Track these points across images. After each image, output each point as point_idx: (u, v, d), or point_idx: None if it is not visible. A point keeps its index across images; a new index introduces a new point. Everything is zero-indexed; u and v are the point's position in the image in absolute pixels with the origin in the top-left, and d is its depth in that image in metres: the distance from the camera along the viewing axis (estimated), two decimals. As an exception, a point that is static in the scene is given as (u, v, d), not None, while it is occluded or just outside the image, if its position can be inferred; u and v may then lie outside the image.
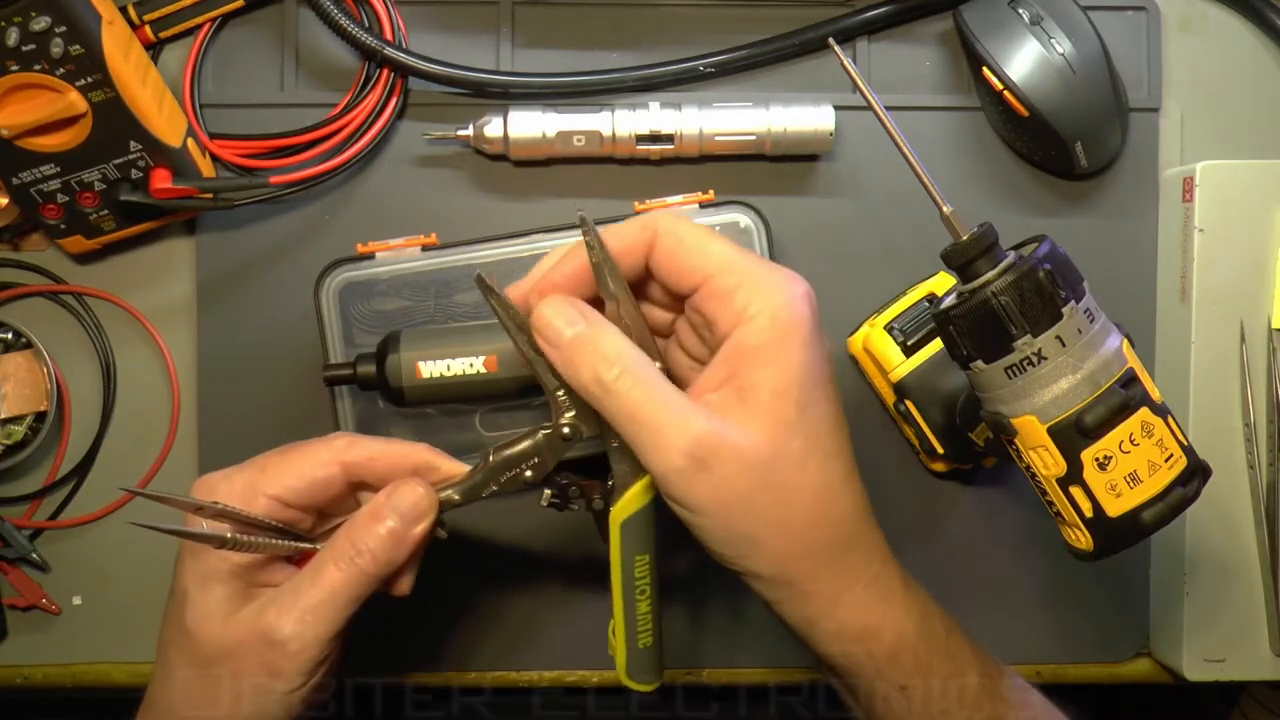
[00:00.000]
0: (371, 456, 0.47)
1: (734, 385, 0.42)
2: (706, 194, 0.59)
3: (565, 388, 0.45)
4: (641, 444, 0.42)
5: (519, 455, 0.46)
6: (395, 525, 0.45)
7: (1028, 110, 0.59)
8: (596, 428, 0.45)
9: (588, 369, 0.42)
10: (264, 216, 0.61)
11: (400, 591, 0.48)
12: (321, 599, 0.44)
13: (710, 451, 0.41)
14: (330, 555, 0.45)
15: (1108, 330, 0.44)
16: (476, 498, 0.47)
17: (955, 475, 0.62)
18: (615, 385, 0.42)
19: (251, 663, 0.44)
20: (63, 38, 0.52)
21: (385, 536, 0.45)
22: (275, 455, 0.47)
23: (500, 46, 0.62)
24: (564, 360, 0.43)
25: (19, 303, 0.62)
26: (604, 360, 0.42)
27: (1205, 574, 0.60)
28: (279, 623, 0.44)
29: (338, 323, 0.57)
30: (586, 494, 0.47)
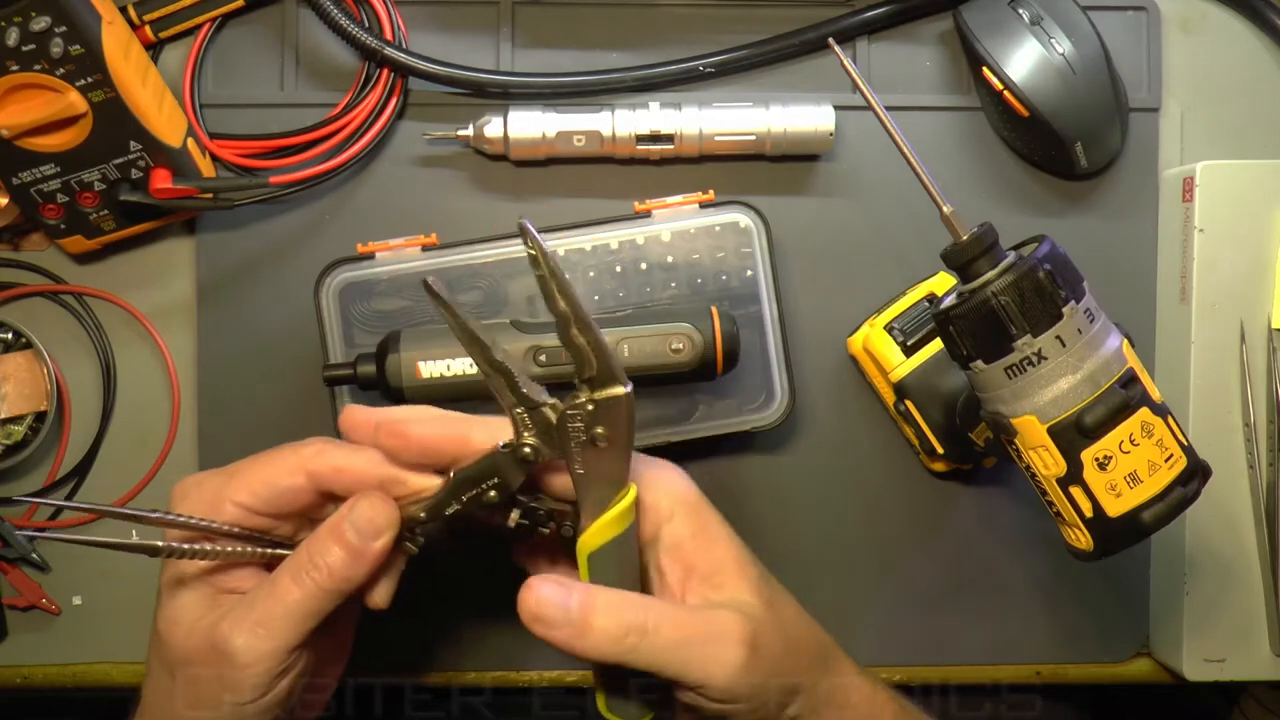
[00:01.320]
0: (338, 468, 0.45)
1: (698, 574, 0.45)
2: (706, 194, 0.59)
3: (524, 404, 0.43)
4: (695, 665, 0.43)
5: (479, 474, 0.43)
6: (353, 540, 0.44)
7: (1028, 110, 0.59)
8: (559, 450, 0.43)
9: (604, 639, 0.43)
10: (264, 216, 0.61)
11: (375, 604, 0.46)
12: (274, 613, 0.43)
13: (753, 634, 0.44)
14: (288, 568, 0.44)
15: (1108, 330, 0.44)
16: (440, 515, 0.44)
17: (955, 475, 0.62)
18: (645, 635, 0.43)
19: (206, 672, 0.44)
20: (63, 38, 0.52)
21: (344, 553, 0.44)
22: (247, 462, 0.46)
23: (500, 46, 0.62)
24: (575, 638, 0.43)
25: (19, 303, 0.62)
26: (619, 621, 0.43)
27: (1205, 574, 0.60)
28: (230, 634, 0.43)
29: (338, 323, 0.57)
30: (557, 519, 0.45)
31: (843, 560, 0.62)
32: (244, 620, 0.43)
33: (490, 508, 0.44)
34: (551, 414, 0.43)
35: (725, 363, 0.56)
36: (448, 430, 0.44)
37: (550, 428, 0.43)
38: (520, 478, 0.44)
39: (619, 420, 0.42)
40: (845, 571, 0.62)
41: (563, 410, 0.43)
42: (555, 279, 0.41)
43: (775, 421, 0.58)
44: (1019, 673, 0.63)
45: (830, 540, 0.62)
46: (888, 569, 0.63)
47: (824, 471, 0.62)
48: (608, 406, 0.42)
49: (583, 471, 0.43)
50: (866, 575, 0.63)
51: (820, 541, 0.62)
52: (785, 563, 0.50)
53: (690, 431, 0.59)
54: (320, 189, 0.61)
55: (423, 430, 0.44)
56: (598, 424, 0.42)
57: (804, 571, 0.56)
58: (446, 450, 0.44)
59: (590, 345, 0.41)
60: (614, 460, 0.43)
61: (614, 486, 0.44)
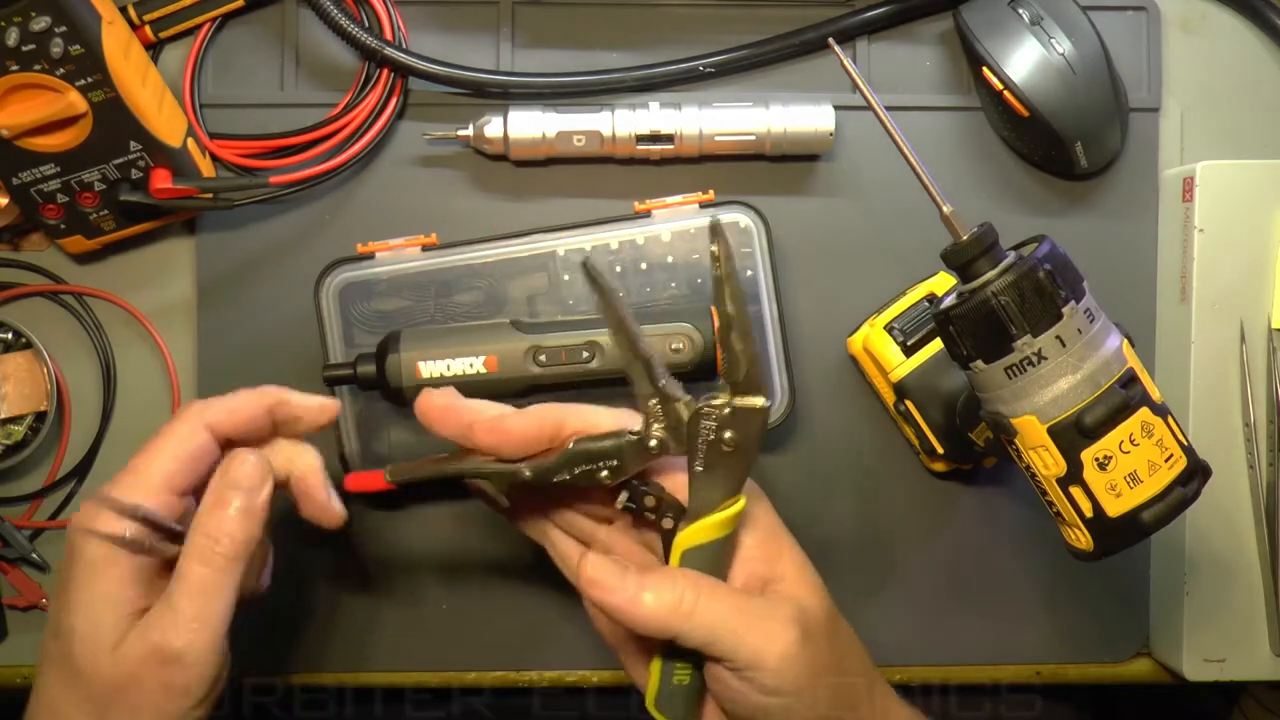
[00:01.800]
0: (231, 409, 0.47)
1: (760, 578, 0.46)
2: (706, 194, 0.59)
3: (659, 397, 0.44)
4: (749, 640, 0.43)
5: (599, 452, 0.45)
6: (241, 502, 0.45)
7: (1028, 110, 0.59)
8: (683, 446, 0.44)
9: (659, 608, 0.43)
10: (264, 216, 0.61)
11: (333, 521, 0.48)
12: (202, 602, 0.43)
13: (806, 623, 0.44)
14: (192, 554, 0.44)
15: (1108, 330, 0.44)
16: (547, 480, 0.45)
17: (955, 475, 0.62)
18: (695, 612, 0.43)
19: (151, 688, 0.43)
20: (63, 38, 0.52)
21: (236, 515, 0.45)
22: (139, 455, 0.46)
23: (500, 46, 0.62)
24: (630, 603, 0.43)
25: (19, 303, 0.62)
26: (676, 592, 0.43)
27: (1205, 574, 0.60)
28: (168, 638, 0.43)
29: (338, 323, 0.57)
30: (661, 510, 0.46)
31: (842, 560, 0.62)
32: (176, 620, 0.43)
33: (599, 485, 0.45)
34: (684, 410, 0.44)
35: (725, 363, 0.56)
36: (545, 420, 0.46)
37: (680, 423, 0.44)
38: (639, 465, 0.45)
39: (751, 430, 0.44)
40: (845, 571, 0.62)
41: (698, 408, 0.44)
42: (730, 283, 0.43)
43: (775, 421, 0.58)
44: (1019, 673, 0.63)
45: (830, 540, 0.62)
46: (887, 569, 0.63)
47: (824, 471, 0.62)
48: (745, 414, 0.44)
49: (701, 470, 0.44)
50: (866, 575, 0.63)
51: (820, 541, 0.62)
52: (785, 563, 0.50)
53: (690, 431, 0.59)
54: (320, 189, 0.61)
55: (523, 424, 0.46)
56: (730, 428, 0.44)
57: (804, 571, 0.56)
58: (543, 440, 0.46)
59: (744, 353, 0.44)
60: (735, 466, 0.45)
61: (726, 491, 0.45)
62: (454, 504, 0.61)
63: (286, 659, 0.62)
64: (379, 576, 0.62)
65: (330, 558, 0.61)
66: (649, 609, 0.43)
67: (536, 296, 0.58)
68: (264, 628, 0.61)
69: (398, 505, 0.61)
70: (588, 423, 0.46)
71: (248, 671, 0.61)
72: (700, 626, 0.43)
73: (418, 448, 0.58)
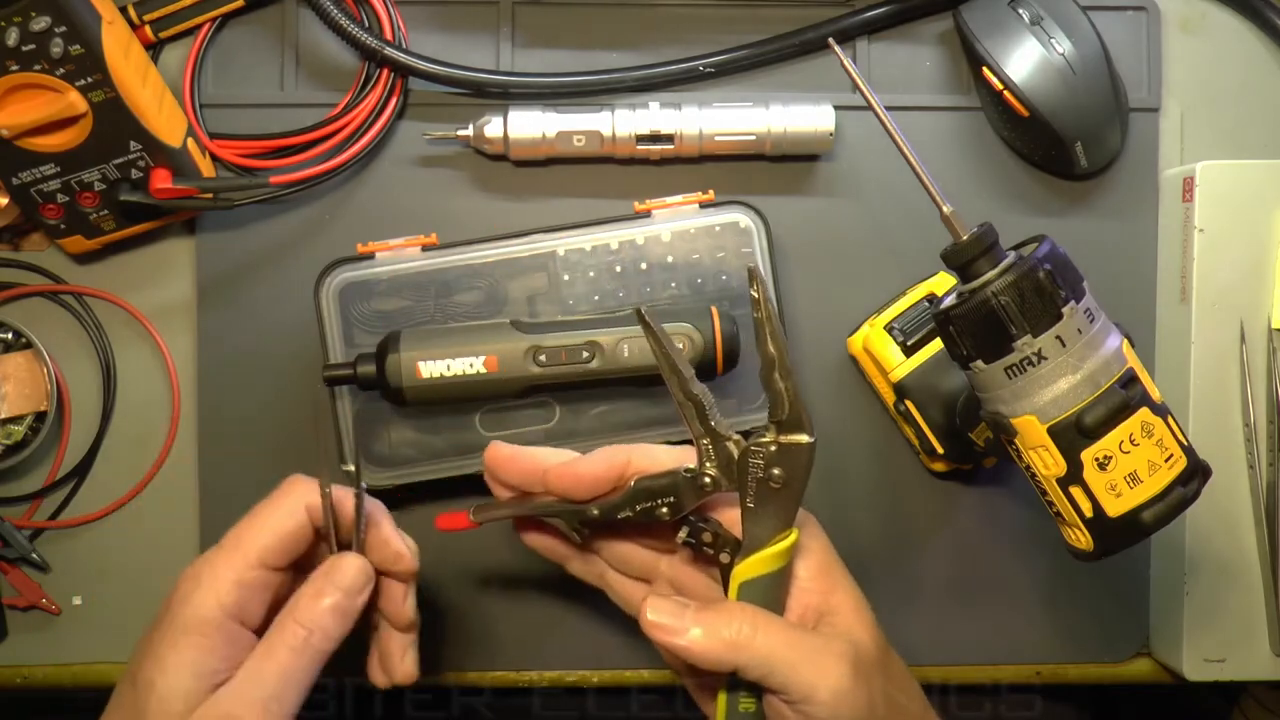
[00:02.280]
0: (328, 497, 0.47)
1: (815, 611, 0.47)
2: (706, 194, 0.59)
3: (710, 436, 0.46)
4: (803, 675, 0.44)
5: (658, 490, 0.47)
6: (339, 599, 0.46)
7: (1028, 110, 0.59)
8: (735, 483, 0.46)
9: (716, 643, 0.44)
10: (264, 216, 0.61)
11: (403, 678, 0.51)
12: (282, 685, 0.44)
13: (858, 660, 0.45)
14: (280, 639, 0.45)
15: (1108, 330, 0.44)
16: (612, 517, 0.47)
17: (955, 475, 0.62)
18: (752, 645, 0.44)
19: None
20: (63, 38, 0.52)
21: (330, 611, 0.46)
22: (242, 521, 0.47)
23: (500, 46, 0.62)
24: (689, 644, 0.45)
25: (19, 303, 0.62)
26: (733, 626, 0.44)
27: (1205, 574, 0.60)
28: (241, 714, 0.43)
29: (338, 323, 0.57)
30: (718, 545, 0.47)
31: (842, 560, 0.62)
32: (254, 698, 0.44)
33: (659, 521, 0.47)
34: (734, 449, 0.46)
35: (725, 363, 0.56)
36: (612, 462, 0.48)
37: (730, 461, 0.46)
38: (695, 502, 0.46)
39: (798, 466, 0.45)
40: (845, 571, 0.62)
41: (746, 446, 0.46)
42: (770, 324, 0.45)
43: (775, 421, 0.58)
44: (1019, 673, 0.63)
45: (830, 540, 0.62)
46: (887, 569, 0.63)
47: (824, 471, 0.62)
48: (791, 452, 0.45)
49: (753, 506, 0.46)
50: (866, 575, 0.62)
51: (820, 541, 0.62)
52: (785, 563, 0.50)
53: (690, 431, 0.59)
54: (320, 189, 0.61)
55: (592, 468, 0.47)
56: (777, 465, 0.45)
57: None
58: (611, 481, 0.48)
59: (787, 392, 0.45)
60: (785, 501, 0.46)
61: (778, 526, 0.46)
62: (454, 504, 0.61)
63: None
64: (379, 576, 0.61)
65: (330, 558, 0.61)
66: (706, 645, 0.45)
67: (536, 296, 0.58)
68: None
69: (398, 506, 0.61)
70: (651, 460, 0.48)
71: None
72: (757, 660, 0.44)
73: (417, 447, 0.58)
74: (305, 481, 0.48)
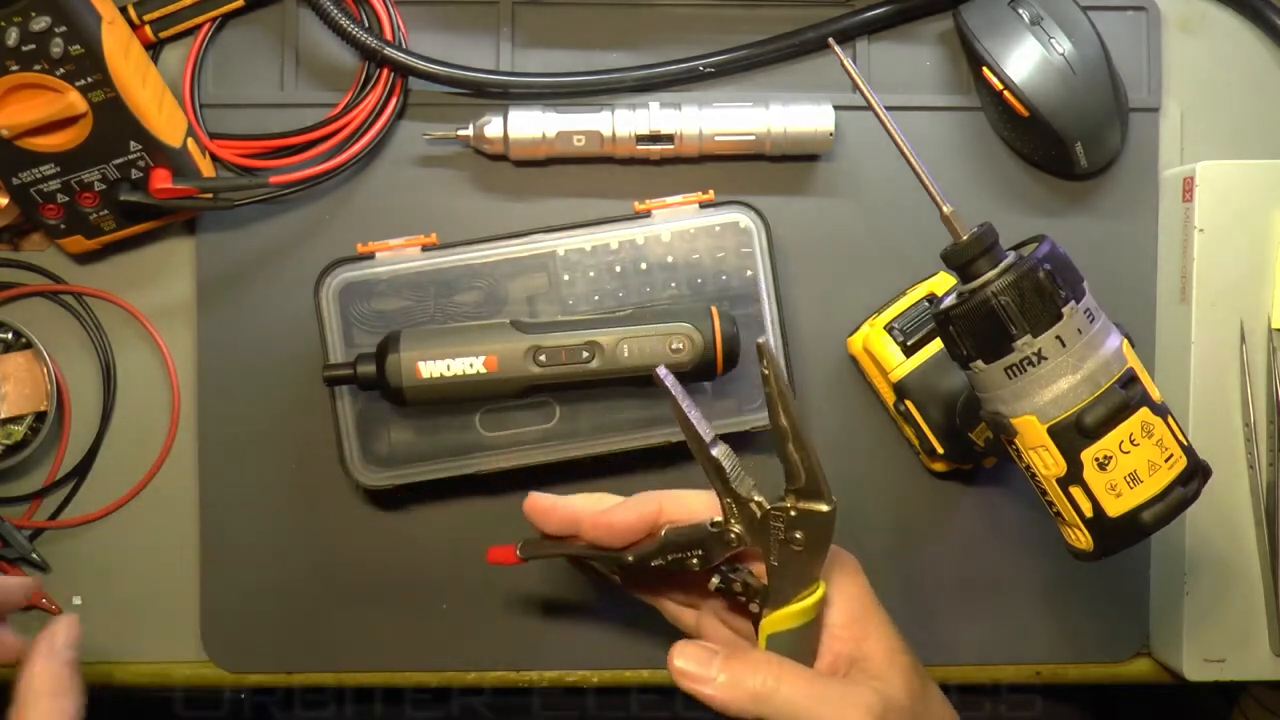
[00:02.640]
0: None
1: (847, 659, 0.47)
2: (706, 194, 0.59)
3: (733, 498, 0.46)
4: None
5: (686, 542, 0.47)
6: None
7: (1028, 110, 0.59)
8: (760, 541, 0.46)
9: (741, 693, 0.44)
10: (264, 216, 0.61)
11: None
12: None
13: (884, 711, 0.44)
14: None
15: (1108, 330, 0.44)
16: (646, 564, 0.48)
17: (955, 475, 0.62)
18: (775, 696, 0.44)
19: None
20: (63, 38, 0.52)
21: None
22: None
23: (500, 46, 0.62)
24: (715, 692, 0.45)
25: (19, 303, 0.62)
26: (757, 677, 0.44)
27: (1205, 574, 0.60)
28: None
29: (338, 323, 0.57)
30: (749, 593, 0.47)
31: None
32: None
33: (690, 570, 0.47)
34: (757, 510, 0.46)
35: (725, 363, 0.56)
36: (642, 512, 0.48)
37: (754, 520, 0.46)
38: (723, 554, 0.47)
39: (819, 533, 0.45)
40: (845, 571, 0.62)
41: (768, 509, 0.45)
42: (783, 398, 0.44)
43: (775, 421, 0.58)
44: (1019, 673, 0.63)
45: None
46: (888, 569, 0.62)
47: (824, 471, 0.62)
48: (810, 518, 0.45)
49: (777, 564, 0.46)
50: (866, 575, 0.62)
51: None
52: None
53: (690, 431, 0.59)
54: (320, 189, 0.61)
55: (625, 517, 0.48)
56: (797, 529, 0.45)
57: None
58: (644, 529, 0.48)
59: (803, 462, 0.45)
60: (807, 562, 0.46)
61: (802, 584, 0.46)
62: (454, 504, 0.61)
63: (286, 659, 0.62)
64: (379, 576, 0.62)
65: (330, 558, 0.61)
66: (731, 695, 0.45)
67: (536, 296, 0.58)
68: (264, 628, 0.61)
69: (398, 506, 0.61)
70: (682, 508, 0.48)
71: (248, 671, 0.62)
72: (780, 712, 0.44)
73: (417, 447, 0.58)
74: None
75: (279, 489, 0.61)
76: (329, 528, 0.61)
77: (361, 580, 0.61)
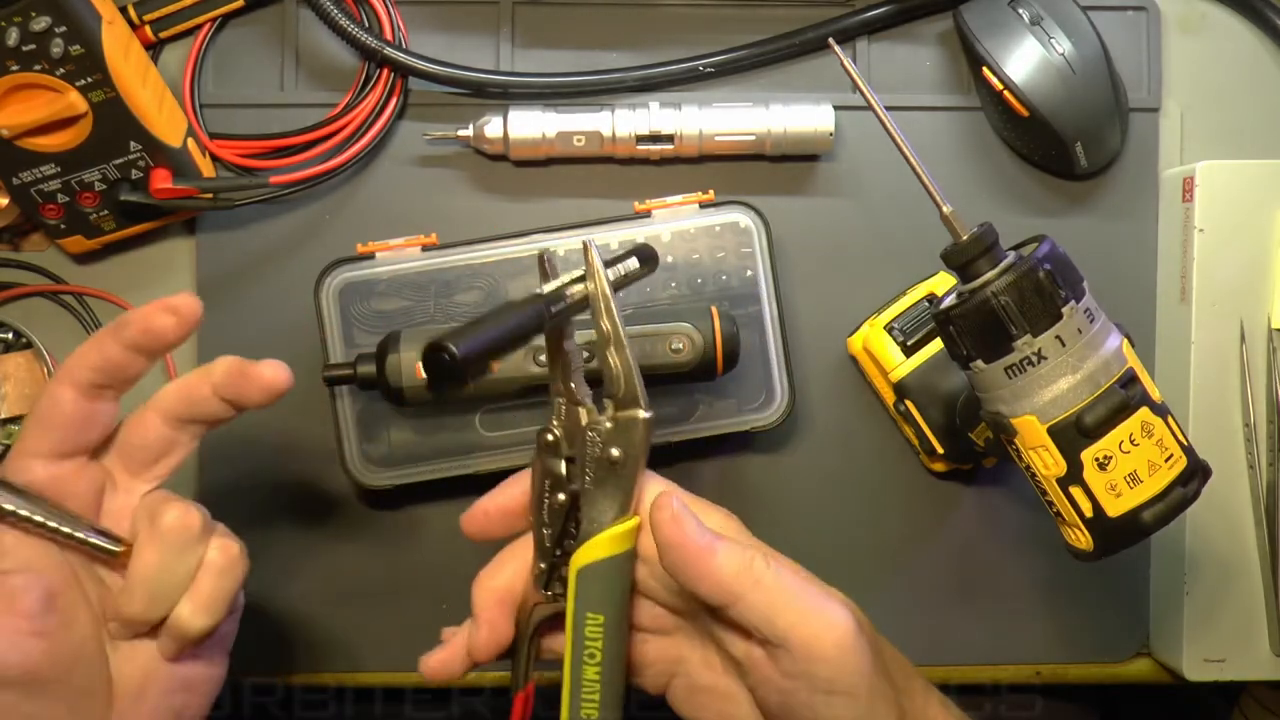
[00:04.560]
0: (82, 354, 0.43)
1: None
2: (706, 194, 0.59)
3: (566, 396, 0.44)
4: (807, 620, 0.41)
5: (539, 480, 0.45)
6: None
7: (1028, 110, 0.59)
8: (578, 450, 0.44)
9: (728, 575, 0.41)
10: (264, 216, 0.61)
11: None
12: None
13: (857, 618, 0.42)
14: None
15: (1108, 330, 0.44)
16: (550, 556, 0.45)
17: (955, 475, 0.62)
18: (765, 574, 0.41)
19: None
20: (63, 38, 0.52)
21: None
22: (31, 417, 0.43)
23: (500, 46, 0.62)
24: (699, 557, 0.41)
25: (19, 303, 0.62)
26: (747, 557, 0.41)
27: (1205, 574, 0.60)
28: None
29: (338, 323, 0.57)
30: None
31: (843, 560, 0.62)
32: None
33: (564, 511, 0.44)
34: (584, 416, 0.44)
35: (725, 363, 0.56)
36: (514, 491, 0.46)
37: (578, 427, 0.44)
38: (559, 465, 0.44)
39: (634, 442, 0.43)
40: (845, 572, 0.61)
41: (587, 423, 0.44)
42: (603, 299, 0.42)
43: (775, 421, 0.58)
44: (1019, 673, 0.63)
45: (830, 540, 0.62)
46: (888, 569, 0.63)
47: (824, 471, 0.62)
48: (626, 427, 0.43)
49: (592, 486, 0.43)
50: (866, 575, 0.63)
51: (820, 542, 0.62)
52: (785, 563, 0.50)
53: (690, 431, 0.59)
54: (320, 189, 0.61)
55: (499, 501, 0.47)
56: (614, 443, 0.43)
57: (804, 571, 0.56)
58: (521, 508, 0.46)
59: (621, 366, 0.43)
60: (623, 482, 0.43)
61: (617, 509, 0.43)
62: (454, 504, 0.61)
63: (286, 659, 0.62)
64: (380, 576, 0.62)
65: (330, 558, 0.61)
66: (715, 570, 0.41)
67: (536, 296, 0.58)
68: (264, 628, 0.61)
69: (398, 506, 0.61)
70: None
71: (248, 672, 0.61)
72: (761, 599, 0.41)
73: (417, 447, 0.58)
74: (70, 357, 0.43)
75: (279, 489, 0.61)
76: (329, 528, 0.61)
77: (361, 580, 0.61)
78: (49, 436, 0.43)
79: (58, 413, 0.43)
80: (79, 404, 0.43)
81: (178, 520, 0.43)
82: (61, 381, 0.43)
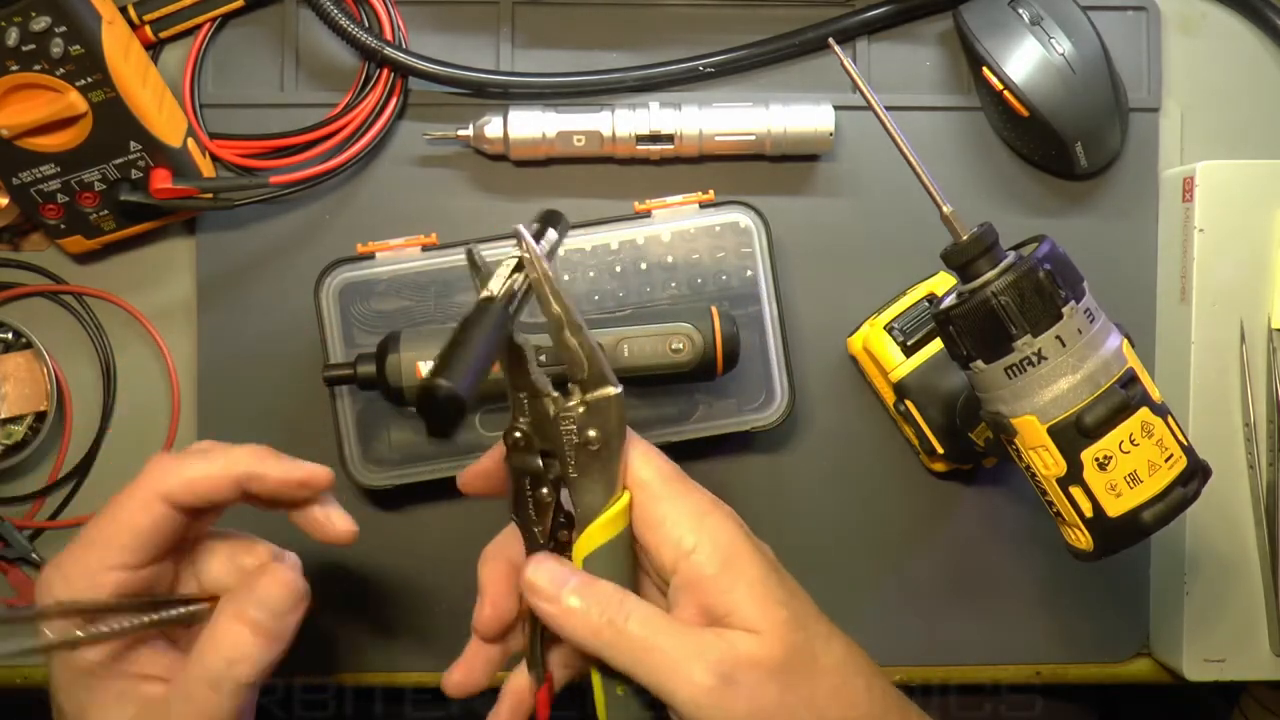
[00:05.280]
0: (190, 480, 0.42)
1: (712, 612, 0.42)
2: (706, 194, 0.59)
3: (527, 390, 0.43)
4: (663, 677, 0.40)
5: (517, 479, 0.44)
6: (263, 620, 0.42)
7: (1028, 110, 0.59)
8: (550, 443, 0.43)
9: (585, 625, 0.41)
10: (264, 216, 0.61)
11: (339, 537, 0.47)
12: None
13: (734, 666, 0.40)
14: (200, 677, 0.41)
15: (1108, 330, 0.44)
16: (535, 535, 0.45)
17: (955, 475, 0.63)
18: (624, 628, 0.41)
19: None
20: (63, 38, 0.52)
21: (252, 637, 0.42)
22: (94, 523, 0.43)
23: (500, 46, 0.62)
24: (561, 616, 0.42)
25: (19, 303, 0.62)
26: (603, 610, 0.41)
27: (1205, 574, 0.60)
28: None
29: (338, 323, 0.57)
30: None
31: (842, 560, 0.62)
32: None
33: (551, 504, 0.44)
34: (551, 407, 0.42)
35: (725, 363, 0.56)
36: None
37: (546, 419, 0.43)
38: (535, 461, 0.43)
39: (610, 421, 0.42)
40: (845, 571, 0.62)
41: (556, 413, 0.42)
42: (547, 283, 0.41)
43: (775, 421, 0.58)
44: (1019, 673, 0.63)
45: (830, 540, 0.62)
46: (887, 569, 0.63)
47: (824, 471, 0.62)
48: (599, 408, 0.42)
49: (576, 475, 0.43)
50: (866, 575, 0.63)
51: (820, 541, 0.62)
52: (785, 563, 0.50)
53: (690, 431, 0.59)
54: (320, 189, 0.61)
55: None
56: (590, 426, 0.42)
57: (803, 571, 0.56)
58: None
59: (582, 347, 0.41)
60: (606, 463, 0.43)
61: (607, 491, 0.43)
62: (454, 504, 0.61)
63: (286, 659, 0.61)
64: (379, 576, 0.62)
65: (330, 558, 0.61)
66: (573, 626, 0.41)
67: (536, 296, 0.58)
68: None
69: (397, 505, 0.61)
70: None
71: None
72: (619, 654, 0.41)
73: (417, 447, 0.58)
74: (165, 464, 0.43)
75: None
76: (329, 528, 0.61)
77: (361, 580, 0.61)
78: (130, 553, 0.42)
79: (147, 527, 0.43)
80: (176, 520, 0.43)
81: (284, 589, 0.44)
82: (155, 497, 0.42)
